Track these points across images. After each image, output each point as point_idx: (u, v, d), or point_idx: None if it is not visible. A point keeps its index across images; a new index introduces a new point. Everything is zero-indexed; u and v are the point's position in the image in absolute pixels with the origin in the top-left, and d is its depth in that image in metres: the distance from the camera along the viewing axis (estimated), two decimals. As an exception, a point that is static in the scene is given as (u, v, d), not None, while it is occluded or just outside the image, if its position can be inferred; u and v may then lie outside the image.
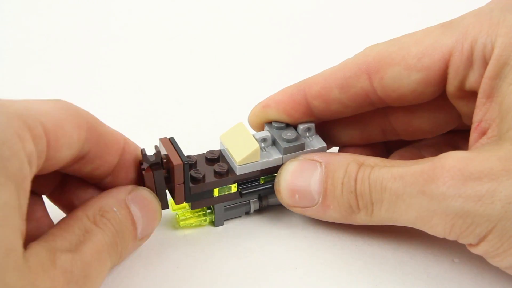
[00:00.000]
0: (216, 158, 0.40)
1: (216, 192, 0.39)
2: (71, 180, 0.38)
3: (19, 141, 0.29)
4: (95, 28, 0.66)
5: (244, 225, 0.41)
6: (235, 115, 0.52)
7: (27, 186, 0.30)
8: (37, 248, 0.31)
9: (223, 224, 0.40)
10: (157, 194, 0.38)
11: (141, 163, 0.38)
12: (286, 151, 0.40)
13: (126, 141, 0.37)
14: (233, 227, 0.41)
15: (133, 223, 0.36)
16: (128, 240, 0.36)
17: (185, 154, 0.38)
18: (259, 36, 0.65)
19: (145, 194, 0.37)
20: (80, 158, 0.35)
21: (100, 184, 0.38)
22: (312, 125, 0.41)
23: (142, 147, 0.37)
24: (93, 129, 0.35)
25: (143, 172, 0.37)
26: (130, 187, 0.37)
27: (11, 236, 0.28)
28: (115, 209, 0.35)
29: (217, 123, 0.52)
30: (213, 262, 0.39)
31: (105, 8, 0.69)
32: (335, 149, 0.44)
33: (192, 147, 0.48)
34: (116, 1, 0.71)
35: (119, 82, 0.58)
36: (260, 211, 0.42)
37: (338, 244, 0.40)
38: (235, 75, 0.59)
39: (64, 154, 0.33)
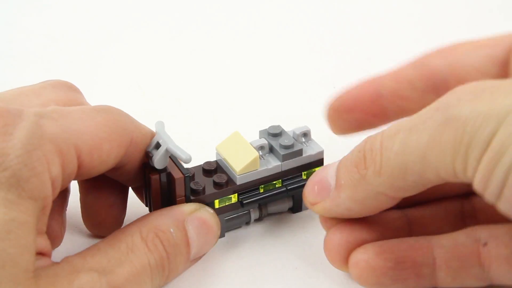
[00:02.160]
0: (213, 169, 0.40)
1: (216, 204, 0.39)
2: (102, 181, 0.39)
3: (45, 164, 0.31)
4: (95, 27, 0.66)
5: (245, 234, 0.41)
6: (235, 115, 0.53)
7: (47, 205, 0.31)
8: (60, 265, 0.32)
9: (224, 236, 0.40)
10: (162, 199, 0.37)
11: (144, 165, 0.37)
12: (284, 158, 0.40)
13: None
14: (234, 236, 0.41)
15: (188, 245, 0.36)
16: (179, 263, 0.36)
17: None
18: (261, 36, 0.65)
19: (207, 217, 0.37)
20: (115, 169, 0.36)
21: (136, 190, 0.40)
22: (308, 129, 0.41)
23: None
24: (135, 144, 0.36)
25: (150, 175, 0.37)
26: (193, 206, 0.37)
27: (10, 250, 0.29)
28: (172, 230, 0.35)
29: (217, 123, 0.52)
30: (213, 261, 0.39)
31: (106, 6, 0.69)
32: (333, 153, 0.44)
33: (192, 146, 0.48)
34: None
35: (119, 80, 0.58)
36: (260, 220, 0.42)
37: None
38: (235, 74, 0.59)
39: (96, 171, 0.34)
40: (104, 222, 0.39)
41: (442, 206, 0.38)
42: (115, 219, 0.39)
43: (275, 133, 0.41)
